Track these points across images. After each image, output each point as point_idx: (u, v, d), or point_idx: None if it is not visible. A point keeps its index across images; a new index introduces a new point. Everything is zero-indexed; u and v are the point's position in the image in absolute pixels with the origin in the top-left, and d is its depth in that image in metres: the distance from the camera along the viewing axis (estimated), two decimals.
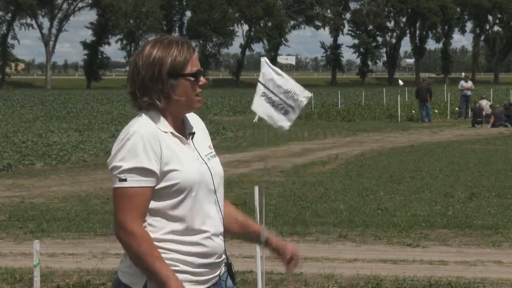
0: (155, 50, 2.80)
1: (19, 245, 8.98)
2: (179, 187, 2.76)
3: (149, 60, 2.79)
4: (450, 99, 33.85)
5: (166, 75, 2.78)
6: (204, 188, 2.82)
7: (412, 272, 7.39)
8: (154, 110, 2.82)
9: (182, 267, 2.77)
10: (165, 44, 2.82)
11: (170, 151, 2.77)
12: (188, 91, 2.83)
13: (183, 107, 2.86)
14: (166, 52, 2.80)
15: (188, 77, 2.82)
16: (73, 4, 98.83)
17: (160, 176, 2.75)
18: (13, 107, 41.96)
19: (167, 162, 2.75)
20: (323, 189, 12.80)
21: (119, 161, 2.73)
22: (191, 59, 2.82)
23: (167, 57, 2.79)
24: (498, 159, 17.12)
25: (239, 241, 8.87)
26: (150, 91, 2.80)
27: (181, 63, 2.80)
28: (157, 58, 2.79)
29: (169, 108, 2.83)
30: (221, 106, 42.43)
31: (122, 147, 2.74)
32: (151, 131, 2.75)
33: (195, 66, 2.84)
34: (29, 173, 15.80)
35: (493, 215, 10.25)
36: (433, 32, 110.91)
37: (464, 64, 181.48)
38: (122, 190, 2.72)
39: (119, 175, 2.72)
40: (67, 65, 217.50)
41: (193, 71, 2.82)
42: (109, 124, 28.97)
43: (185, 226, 2.78)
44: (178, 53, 2.80)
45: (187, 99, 2.84)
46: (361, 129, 26.28)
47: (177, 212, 2.77)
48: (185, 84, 2.82)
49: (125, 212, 2.71)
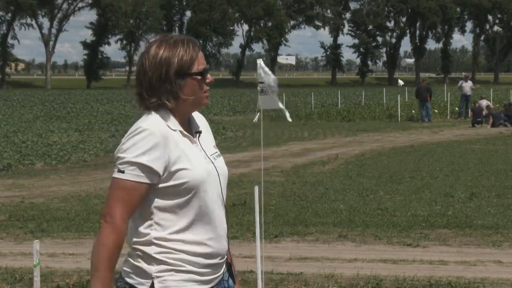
0: (161, 50, 2.80)
1: (19, 245, 8.98)
2: (187, 186, 2.75)
3: (156, 60, 2.79)
4: (450, 99, 33.86)
5: (173, 75, 2.78)
6: (211, 188, 2.82)
7: (412, 272, 7.39)
8: (163, 109, 2.82)
9: (188, 267, 2.77)
10: (171, 44, 2.81)
11: (179, 150, 2.76)
12: (196, 89, 2.83)
13: (191, 106, 2.86)
14: (173, 52, 2.79)
15: (195, 76, 2.82)
16: (73, 4, 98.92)
17: (168, 175, 2.74)
18: (13, 107, 41.97)
19: (176, 161, 2.74)
20: (323, 189, 12.80)
21: (122, 152, 2.73)
22: (197, 57, 2.83)
23: (174, 57, 2.79)
24: (498, 159, 17.13)
25: (239, 241, 8.90)
26: (158, 92, 2.80)
27: (188, 62, 2.80)
28: (164, 58, 2.78)
29: (178, 107, 2.83)
30: (221, 106, 42.43)
31: (129, 140, 2.74)
32: (161, 129, 2.75)
33: (201, 64, 2.84)
34: (29, 173, 15.80)
35: (493, 215, 10.26)
36: (433, 32, 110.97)
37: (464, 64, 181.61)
38: (118, 181, 2.72)
39: (119, 166, 2.72)
40: (67, 65, 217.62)
41: (199, 70, 2.83)
42: (109, 124, 28.97)
43: (192, 225, 2.78)
44: (185, 53, 2.80)
45: (195, 98, 2.84)
46: (361, 129, 26.27)
47: (184, 211, 2.77)
48: (192, 83, 2.82)
49: (115, 202, 2.71)
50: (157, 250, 2.75)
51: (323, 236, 9.19)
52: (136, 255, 2.79)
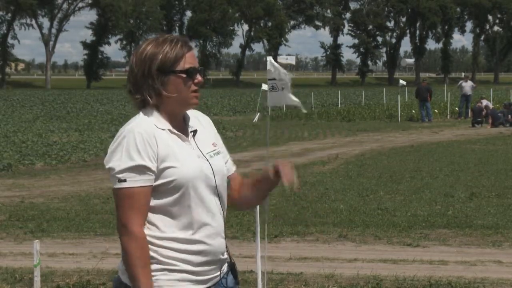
0: (148, 47, 2.81)
1: (19, 245, 8.98)
2: (176, 184, 2.75)
3: (142, 56, 2.80)
4: (450, 99, 33.85)
5: (155, 71, 2.78)
6: (205, 186, 2.81)
7: (412, 272, 7.38)
8: (150, 108, 2.82)
9: (181, 266, 2.77)
10: (159, 42, 2.82)
11: (166, 148, 2.76)
12: (180, 88, 2.81)
13: (176, 104, 2.84)
14: (158, 48, 2.80)
15: (179, 73, 2.80)
16: (73, 4, 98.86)
17: (157, 173, 2.75)
18: (13, 107, 41.95)
19: (164, 159, 2.74)
20: (323, 189, 12.80)
21: (116, 161, 2.73)
22: (184, 56, 2.81)
23: (159, 53, 2.79)
24: (498, 159, 17.13)
25: (239, 241, 8.90)
26: (141, 88, 2.81)
27: (171, 60, 2.79)
28: (149, 55, 2.79)
29: (163, 105, 2.82)
30: (221, 106, 42.42)
31: (117, 146, 2.75)
32: (147, 128, 2.75)
33: (188, 63, 2.82)
34: (29, 173, 15.80)
35: (493, 215, 10.26)
36: (433, 32, 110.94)
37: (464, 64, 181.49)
38: (123, 191, 2.72)
39: (118, 175, 2.72)
40: (67, 65, 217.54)
41: (185, 68, 2.81)
42: (109, 124, 28.96)
43: (184, 223, 2.78)
44: (170, 50, 2.80)
45: (180, 96, 2.82)
46: (361, 129, 26.27)
47: (176, 209, 2.77)
48: (176, 81, 2.80)
49: (127, 212, 2.71)
50: (150, 249, 2.75)
51: (323, 236, 9.19)
52: None
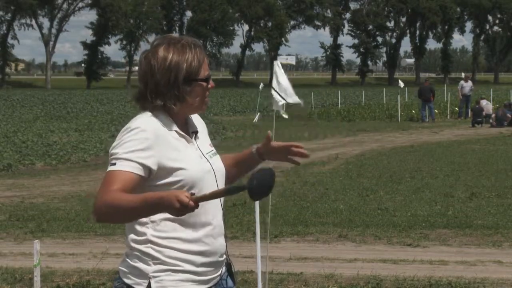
0: (170, 54, 2.79)
1: (19, 245, 8.98)
2: (181, 184, 2.76)
3: (165, 64, 2.78)
4: (450, 99, 33.85)
5: (181, 81, 2.79)
6: (207, 186, 2.82)
7: (412, 272, 7.39)
8: (160, 110, 2.82)
9: (185, 267, 2.77)
10: (179, 49, 2.81)
11: (174, 149, 2.77)
12: (200, 94, 2.85)
13: (193, 109, 2.89)
14: (182, 57, 2.79)
15: (201, 82, 2.84)
16: (73, 4, 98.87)
17: (163, 174, 2.75)
18: (13, 107, 41.95)
19: (171, 160, 2.75)
20: (323, 189, 12.81)
21: (114, 149, 2.74)
22: (204, 63, 2.85)
23: (183, 62, 2.79)
24: (498, 159, 17.13)
25: (239, 241, 8.90)
26: (164, 96, 2.80)
27: (196, 68, 2.81)
28: (174, 64, 2.78)
29: (179, 110, 2.84)
30: (221, 106, 42.41)
31: (121, 137, 2.76)
32: (154, 127, 2.76)
33: (206, 70, 2.86)
34: (29, 173, 15.81)
35: (493, 215, 10.26)
36: (433, 32, 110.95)
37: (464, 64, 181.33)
38: (110, 173, 2.70)
39: (111, 160, 2.73)
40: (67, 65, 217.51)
41: (206, 76, 2.85)
42: (109, 124, 28.97)
43: (187, 224, 2.78)
44: (193, 58, 2.81)
45: (199, 102, 2.86)
46: (361, 129, 26.28)
47: None
48: (198, 88, 2.84)
49: (105, 185, 2.67)
50: (154, 249, 2.76)
51: (323, 236, 9.19)
52: (133, 255, 2.79)
